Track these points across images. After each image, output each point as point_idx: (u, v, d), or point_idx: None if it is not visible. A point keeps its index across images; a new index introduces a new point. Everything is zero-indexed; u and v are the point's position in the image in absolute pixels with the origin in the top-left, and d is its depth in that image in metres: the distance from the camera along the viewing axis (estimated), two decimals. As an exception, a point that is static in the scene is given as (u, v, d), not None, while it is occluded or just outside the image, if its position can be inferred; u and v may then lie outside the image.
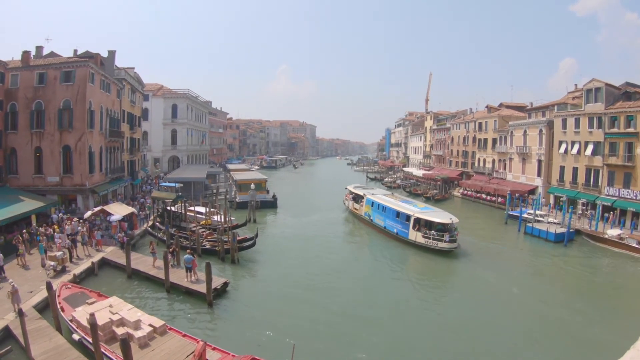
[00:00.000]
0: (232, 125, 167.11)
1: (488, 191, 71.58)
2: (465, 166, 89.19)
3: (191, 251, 33.27)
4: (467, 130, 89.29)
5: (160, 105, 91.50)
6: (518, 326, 25.85)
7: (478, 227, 54.59)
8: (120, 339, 17.36)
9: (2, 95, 44.90)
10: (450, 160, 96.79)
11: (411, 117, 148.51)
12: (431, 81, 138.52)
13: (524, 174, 68.37)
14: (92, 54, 52.33)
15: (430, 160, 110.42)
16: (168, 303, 28.57)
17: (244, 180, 68.92)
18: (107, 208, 42.47)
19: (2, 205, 37.37)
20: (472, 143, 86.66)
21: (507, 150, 72.47)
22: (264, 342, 22.43)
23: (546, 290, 32.46)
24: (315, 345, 22.36)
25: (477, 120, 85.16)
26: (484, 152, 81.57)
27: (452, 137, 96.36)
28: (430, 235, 41.69)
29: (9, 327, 22.45)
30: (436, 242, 41.25)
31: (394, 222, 47.15)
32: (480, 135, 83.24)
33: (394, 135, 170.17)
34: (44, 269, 31.16)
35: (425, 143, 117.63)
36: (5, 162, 45.30)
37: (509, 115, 76.99)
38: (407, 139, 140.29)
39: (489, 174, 77.68)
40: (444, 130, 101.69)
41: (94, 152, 48.98)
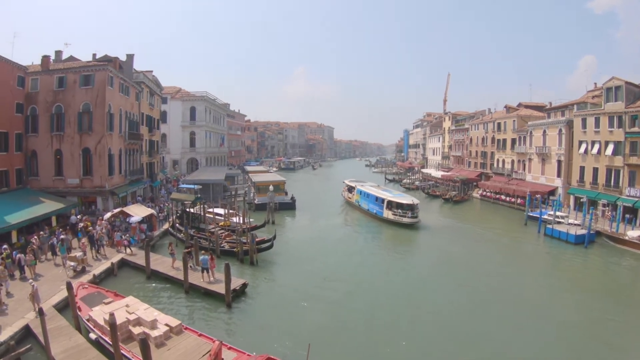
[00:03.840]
0: (250, 127, 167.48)
1: (507, 192, 70.43)
2: (484, 167, 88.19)
3: (206, 252, 33.38)
4: (485, 131, 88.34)
5: (179, 107, 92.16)
6: (529, 325, 25.45)
7: (497, 228, 53.93)
8: (139, 339, 17.41)
9: (23, 99, 45.50)
10: (469, 161, 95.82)
11: (429, 118, 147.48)
12: (449, 82, 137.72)
13: (543, 174, 67.27)
14: (111, 57, 52.81)
15: (449, 161, 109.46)
16: (187, 304, 28.59)
17: (262, 182, 69.07)
18: (126, 209, 42.74)
19: (23, 206, 37.96)
20: (491, 143, 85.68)
21: (527, 150, 71.41)
22: (281, 343, 22.27)
23: (567, 292, 31.75)
24: (331, 346, 22.22)
25: (495, 120, 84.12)
26: (503, 152, 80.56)
27: (470, 137, 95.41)
28: (397, 213, 55.12)
29: (29, 326, 22.66)
30: (402, 218, 54.58)
31: (374, 205, 60.78)
32: (499, 135, 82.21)
33: (412, 136, 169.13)
34: (64, 269, 31.45)
35: (443, 144, 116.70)
36: (26, 164, 45.92)
37: (528, 115, 75.86)
38: (426, 140, 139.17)
39: (508, 175, 76.61)
40: (462, 130, 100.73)
41: (113, 155, 49.39)
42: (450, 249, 44.60)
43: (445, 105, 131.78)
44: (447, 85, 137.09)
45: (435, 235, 51.40)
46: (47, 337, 19.40)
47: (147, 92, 64.80)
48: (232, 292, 28.09)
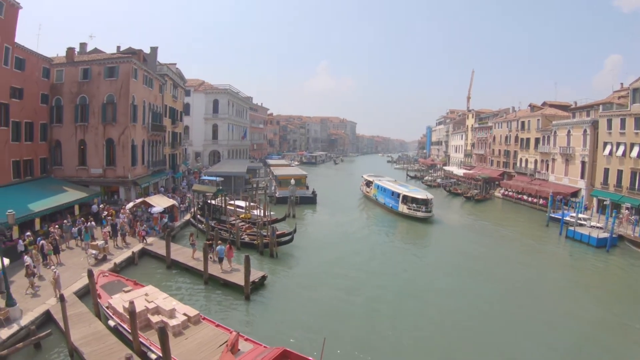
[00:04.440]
0: (272, 120, 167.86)
1: (529, 192, 69.04)
2: (507, 166, 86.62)
3: (222, 242, 33.41)
4: (509, 129, 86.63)
5: (202, 100, 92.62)
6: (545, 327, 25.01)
7: (518, 229, 53.00)
8: (157, 328, 17.46)
9: (48, 90, 46.17)
10: (492, 159, 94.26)
11: (452, 115, 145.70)
12: (473, 78, 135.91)
13: (566, 175, 65.62)
14: (135, 50, 53.28)
15: (471, 159, 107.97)
16: (205, 294, 28.73)
17: (284, 176, 68.99)
18: (148, 200, 43.04)
19: (47, 195, 38.55)
20: (514, 142, 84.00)
21: (550, 150, 69.84)
22: (297, 336, 22.23)
23: (587, 296, 30.80)
24: (347, 341, 22.09)
25: (519, 119, 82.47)
26: (526, 152, 79.02)
27: (493, 136, 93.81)
28: (412, 207, 56.42)
29: (50, 312, 23.01)
30: (416, 212, 55.81)
31: (390, 199, 62.35)
32: (523, 134, 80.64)
33: (435, 133, 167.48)
34: (85, 257, 31.82)
35: (466, 142, 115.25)
36: (50, 153, 46.66)
37: (553, 115, 74.20)
38: (448, 137, 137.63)
39: (531, 175, 75.07)
40: (485, 128, 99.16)
41: (136, 145, 49.85)
42: (470, 247, 44.05)
43: (469, 103, 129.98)
44: (470, 82, 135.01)
45: (455, 232, 50.93)
46: (67, 323, 19.58)
47: (170, 84, 65.19)
48: (251, 284, 28.10)
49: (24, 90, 41.21)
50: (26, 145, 42.02)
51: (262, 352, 17.90)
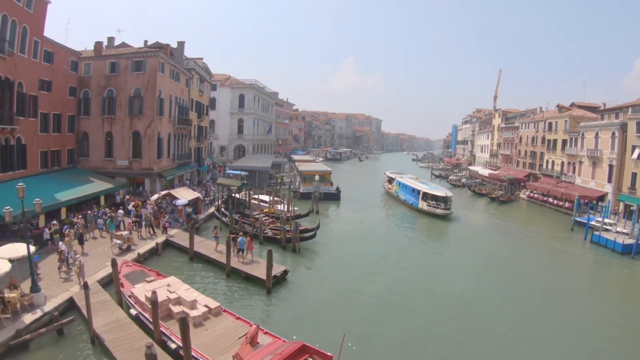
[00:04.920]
0: (298, 116, 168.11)
1: (555, 195, 67.46)
2: (533, 167, 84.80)
3: (243, 234, 33.55)
4: (536, 130, 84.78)
5: (228, 95, 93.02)
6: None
7: (542, 232, 51.83)
8: (178, 318, 17.57)
9: (76, 83, 46.92)
10: (518, 160, 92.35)
11: (479, 114, 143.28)
12: (501, 78, 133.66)
13: (593, 179, 63.59)
14: (162, 44, 53.70)
15: (497, 159, 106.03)
16: (227, 287, 28.82)
17: (308, 172, 68.91)
18: (173, 192, 43.38)
19: (73, 185, 39.19)
20: (541, 143, 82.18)
21: (577, 152, 67.83)
22: (316, 331, 22.06)
23: (609, 303, 29.82)
24: (365, 337, 21.88)
25: (547, 119, 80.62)
26: (553, 153, 77.11)
27: (520, 136, 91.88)
28: (432, 204, 57.30)
29: (74, 299, 23.33)
30: (435, 209, 56.73)
31: (410, 196, 63.39)
32: (550, 135, 78.78)
33: (461, 132, 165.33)
34: (110, 247, 32.22)
35: (492, 141, 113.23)
36: (77, 145, 47.49)
37: (581, 116, 71.98)
38: (474, 136, 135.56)
39: (557, 177, 73.23)
40: (512, 129, 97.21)
41: (162, 138, 50.36)
42: (493, 248, 43.49)
43: (496, 102, 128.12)
44: (498, 81, 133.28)
45: (478, 233, 50.32)
46: (89, 310, 19.83)
47: (197, 78, 65.58)
48: (273, 278, 28.07)
49: (53, 83, 41.88)
50: (54, 136, 42.69)
51: (281, 346, 17.86)
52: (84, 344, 20.04)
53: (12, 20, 33.98)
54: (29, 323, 20.24)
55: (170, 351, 18.78)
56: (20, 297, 21.29)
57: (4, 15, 32.74)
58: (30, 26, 36.69)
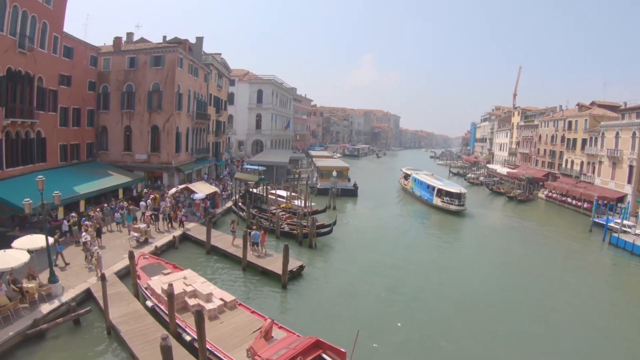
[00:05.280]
0: (316, 112, 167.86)
1: (574, 195, 66.13)
2: (552, 167, 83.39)
3: (257, 228, 33.65)
4: (555, 129, 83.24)
5: (246, 90, 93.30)
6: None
7: (560, 232, 50.76)
8: (194, 311, 17.64)
9: (95, 78, 47.45)
10: (537, 159, 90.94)
11: (498, 112, 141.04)
12: (520, 75, 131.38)
13: (613, 179, 61.87)
14: (181, 40, 54.12)
15: (516, 158, 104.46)
16: (243, 281, 28.87)
17: (325, 167, 68.72)
18: (191, 186, 43.60)
19: (92, 178, 39.65)
20: (560, 142, 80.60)
21: (597, 152, 66.20)
22: (331, 327, 21.97)
23: (627, 307, 28.80)
24: (380, 334, 21.78)
25: (566, 118, 79.03)
26: (572, 153, 75.57)
27: (539, 135, 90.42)
28: (446, 200, 57.90)
29: (91, 290, 23.59)
30: (449, 205, 57.31)
31: (425, 192, 64.44)
32: (570, 134, 77.20)
33: (480, 129, 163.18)
34: (127, 239, 32.53)
35: (511, 140, 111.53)
36: (96, 138, 48.06)
37: (601, 115, 70.47)
38: (493, 134, 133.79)
39: (576, 177, 71.59)
40: (531, 127, 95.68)
41: (180, 133, 50.67)
42: (510, 247, 42.89)
43: (515, 100, 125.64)
44: (517, 78, 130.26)
45: (495, 232, 49.69)
46: (106, 302, 20.02)
47: (215, 73, 65.82)
48: (289, 273, 28.07)
49: (72, 78, 42.33)
50: (73, 130, 43.22)
51: (295, 341, 17.81)
52: (99, 334, 20.24)
53: (32, 16, 34.33)
54: (46, 313, 20.48)
55: (185, 343, 18.90)
56: (39, 287, 21.57)
57: (24, 11, 33.10)
58: (50, 22, 37.04)
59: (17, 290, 20.94)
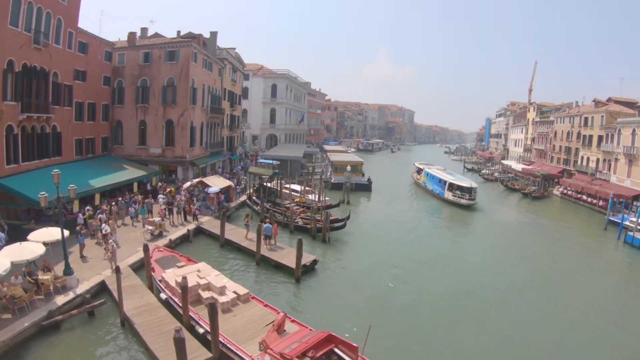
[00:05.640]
0: (330, 106, 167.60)
1: (589, 192, 64.74)
2: (567, 163, 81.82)
3: (270, 222, 33.70)
4: (571, 125, 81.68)
5: (260, 84, 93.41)
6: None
7: (574, 230, 49.89)
8: (207, 303, 17.66)
9: (110, 72, 47.77)
10: (552, 155, 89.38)
11: (513, 108, 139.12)
12: (536, 70, 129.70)
13: (629, 177, 60.50)
14: (195, 34, 54.16)
15: (531, 154, 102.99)
16: (256, 274, 28.94)
17: (340, 162, 68.76)
18: (205, 180, 43.62)
19: (107, 172, 39.98)
20: (576, 139, 79.10)
21: (613, 149, 64.79)
22: (343, 321, 21.91)
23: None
24: (392, 330, 21.61)
25: (582, 114, 77.52)
26: (588, 149, 73.97)
27: (555, 131, 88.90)
28: (457, 194, 58.68)
29: (105, 282, 23.82)
30: (460, 199, 58.01)
31: (437, 186, 65.14)
32: (585, 131, 75.66)
33: (494, 125, 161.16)
34: (142, 233, 32.78)
35: (526, 136, 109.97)
36: (111, 133, 48.44)
37: (618, 112, 68.98)
38: (508, 130, 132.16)
39: (592, 174, 70.07)
40: (546, 123, 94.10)
41: (195, 127, 50.87)
42: (524, 244, 42.29)
43: (531, 95, 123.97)
44: (533, 73, 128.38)
45: (509, 229, 49.14)
46: (121, 294, 20.21)
47: (229, 68, 65.92)
48: (302, 267, 28.07)
49: (87, 73, 42.63)
50: (88, 124, 43.54)
51: (307, 335, 17.75)
52: (113, 326, 20.41)
53: (47, 12, 34.54)
54: (61, 304, 20.69)
55: (198, 336, 19.00)
56: (54, 279, 21.80)
57: (38, 7, 33.29)
58: (64, 18, 37.26)
59: (32, 282, 21.24)
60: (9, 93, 31.00)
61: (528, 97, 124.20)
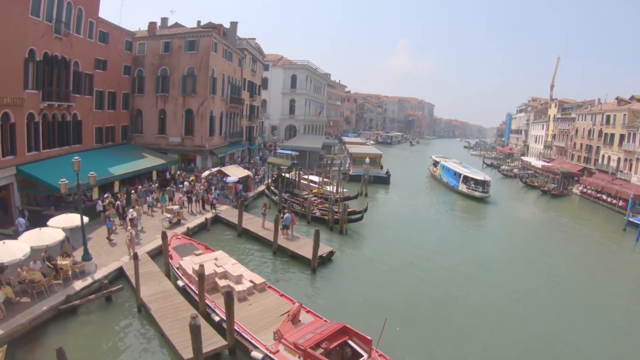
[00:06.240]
0: (349, 98, 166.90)
1: (609, 192, 62.75)
2: (588, 162, 79.83)
3: (289, 212, 33.82)
4: (593, 123, 79.75)
5: (280, 75, 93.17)
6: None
7: (592, 229, 48.75)
8: (224, 292, 17.67)
9: (130, 62, 48.04)
10: (572, 153, 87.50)
11: (534, 103, 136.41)
12: (558, 66, 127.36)
13: None
14: (215, 25, 54.25)
15: (551, 151, 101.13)
16: (273, 264, 29.02)
17: (358, 154, 68.29)
18: (224, 169, 43.81)
19: (126, 160, 40.36)
20: (597, 137, 77.13)
21: (635, 149, 62.88)
22: (358, 313, 21.80)
23: None
24: (407, 324, 21.45)
25: (604, 112, 75.42)
26: (610, 148, 71.96)
27: (576, 128, 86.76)
28: (471, 187, 60.05)
29: (123, 269, 24.10)
30: (473, 192, 59.34)
31: (452, 179, 66.81)
32: (607, 129, 73.60)
33: (515, 121, 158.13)
34: (160, 220, 33.04)
35: (547, 132, 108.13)
36: (131, 121, 48.81)
37: None
38: (529, 126, 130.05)
39: (612, 174, 68.20)
40: (568, 120, 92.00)
41: (214, 117, 51.06)
42: (540, 242, 41.56)
43: (552, 91, 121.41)
44: (555, 69, 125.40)
45: (528, 226, 48.70)
46: (138, 280, 20.38)
47: (249, 58, 65.91)
48: (319, 258, 28.03)
49: (108, 62, 42.92)
50: (109, 113, 43.94)
51: (322, 326, 17.71)
52: (130, 311, 20.66)
53: (68, 2, 34.73)
54: (79, 289, 20.97)
55: (213, 323, 19.12)
56: (72, 264, 22.05)
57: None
58: (85, 8, 37.51)
59: (51, 267, 21.50)
60: (30, 82, 31.30)
61: (550, 93, 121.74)
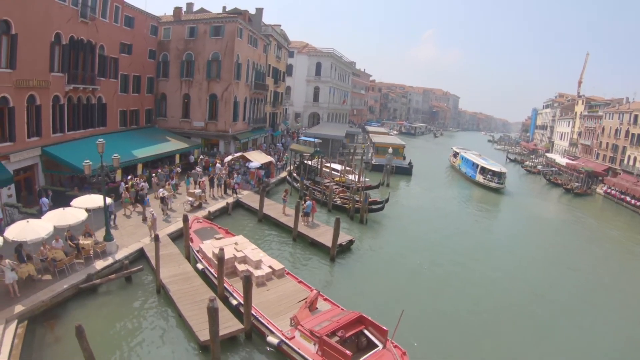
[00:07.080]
0: (374, 87, 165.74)
1: (634, 194, 60.91)
2: (614, 162, 77.44)
3: (309, 198, 33.91)
4: (620, 122, 77.22)
5: (305, 62, 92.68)
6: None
7: (614, 231, 47.17)
8: (243, 276, 17.77)
9: (155, 46, 48.26)
10: (598, 152, 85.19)
11: (561, 99, 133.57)
12: (587, 62, 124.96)
13: None
14: (241, 10, 54.25)
15: (576, 149, 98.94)
16: (292, 250, 29.04)
17: (381, 144, 68.04)
18: (246, 155, 43.80)
19: (150, 143, 40.72)
20: (624, 137, 74.80)
21: None
22: (375, 303, 21.70)
23: None
24: (423, 316, 21.26)
25: (632, 111, 72.99)
26: (636, 149, 69.77)
27: (603, 127, 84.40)
28: (487, 177, 62.38)
29: (144, 250, 24.36)
30: (489, 182, 61.58)
31: (470, 169, 69.13)
32: (635, 129, 71.35)
33: (541, 116, 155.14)
34: (182, 203, 33.15)
35: (573, 129, 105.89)
36: (155, 105, 49.18)
37: None
38: (554, 122, 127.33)
39: (638, 175, 66.29)
40: (595, 118, 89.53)
41: (238, 102, 51.00)
42: (561, 240, 40.79)
43: (580, 88, 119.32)
44: (584, 65, 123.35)
45: (550, 224, 47.68)
46: (158, 261, 20.54)
47: (274, 45, 65.72)
48: (338, 246, 27.95)
49: (133, 46, 43.19)
50: (133, 96, 44.34)
51: (339, 314, 17.80)
52: (149, 292, 20.92)
53: (94, -14, 35.06)
54: (100, 269, 21.24)
55: (231, 307, 19.26)
56: (94, 244, 22.38)
57: (86, -18, 33.83)
58: (111, -7, 37.89)
59: (73, 246, 21.76)
60: (56, 65, 31.67)
61: (577, 90, 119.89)
